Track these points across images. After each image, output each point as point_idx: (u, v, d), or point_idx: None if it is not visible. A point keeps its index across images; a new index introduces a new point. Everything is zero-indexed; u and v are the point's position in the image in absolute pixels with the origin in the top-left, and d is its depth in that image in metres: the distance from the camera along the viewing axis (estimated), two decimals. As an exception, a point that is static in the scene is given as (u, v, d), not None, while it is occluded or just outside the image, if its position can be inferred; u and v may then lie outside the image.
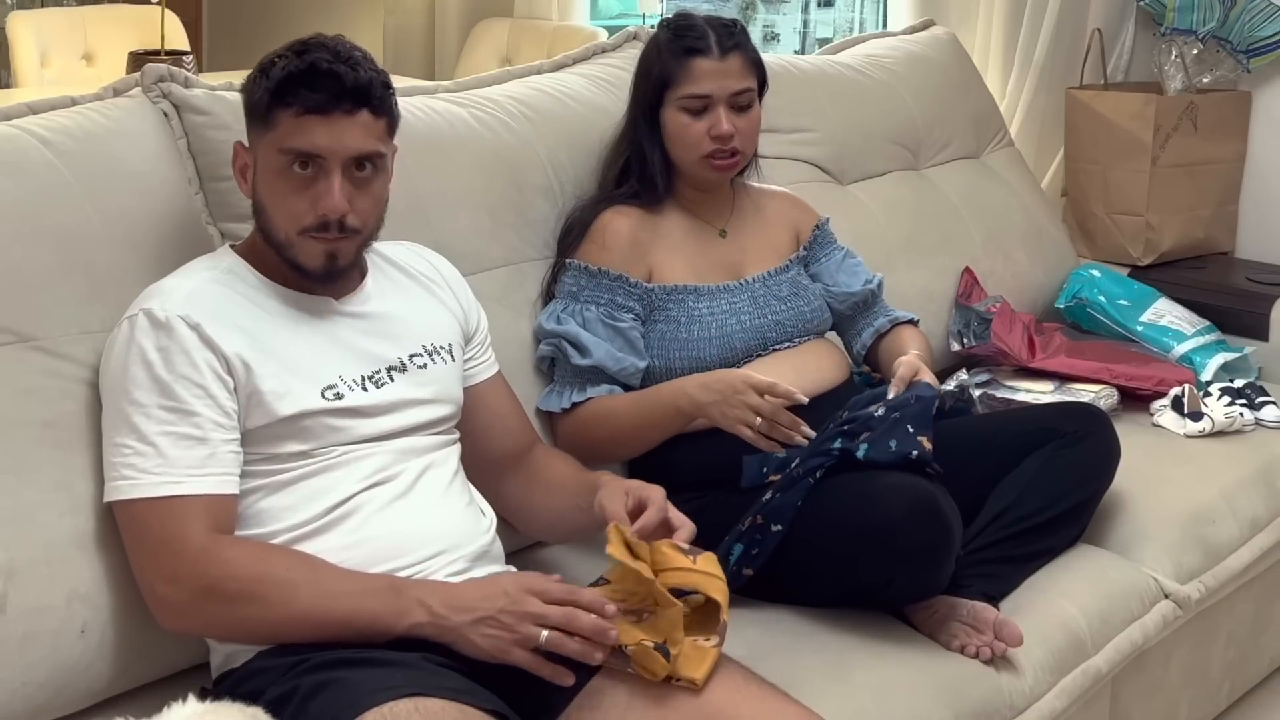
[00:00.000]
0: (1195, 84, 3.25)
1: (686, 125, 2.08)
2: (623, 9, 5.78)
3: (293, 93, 1.59)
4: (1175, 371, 2.71)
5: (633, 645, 1.52)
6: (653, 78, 2.11)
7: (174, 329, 1.57)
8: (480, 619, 1.52)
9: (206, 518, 1.54)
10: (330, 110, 1.59)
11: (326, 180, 1.61)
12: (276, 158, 1.61)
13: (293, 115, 1.59)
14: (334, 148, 1.60)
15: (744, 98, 2.09)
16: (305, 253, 1.63)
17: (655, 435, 2.03)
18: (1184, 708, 2.40)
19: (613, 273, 2.06)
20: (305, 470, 1.62)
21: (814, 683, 1.70)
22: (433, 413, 1.74)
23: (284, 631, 1.53)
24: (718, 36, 2.08)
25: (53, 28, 4.64)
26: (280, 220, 1.63)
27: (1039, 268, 3.01)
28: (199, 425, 1.55)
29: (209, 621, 1.56)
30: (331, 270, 1.66)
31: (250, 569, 1.53)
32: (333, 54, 1.61)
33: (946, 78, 3.08)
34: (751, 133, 2.13)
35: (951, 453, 2.00)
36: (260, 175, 1.64)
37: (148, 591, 1.55)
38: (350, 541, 1.61)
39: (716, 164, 2.09)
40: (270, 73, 1.61)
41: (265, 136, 1.62)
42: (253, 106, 1.64)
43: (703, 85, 2.07)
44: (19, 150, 1.73)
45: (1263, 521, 2.42)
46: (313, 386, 1.63)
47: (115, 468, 1.56)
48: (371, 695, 1.39)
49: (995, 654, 1.86)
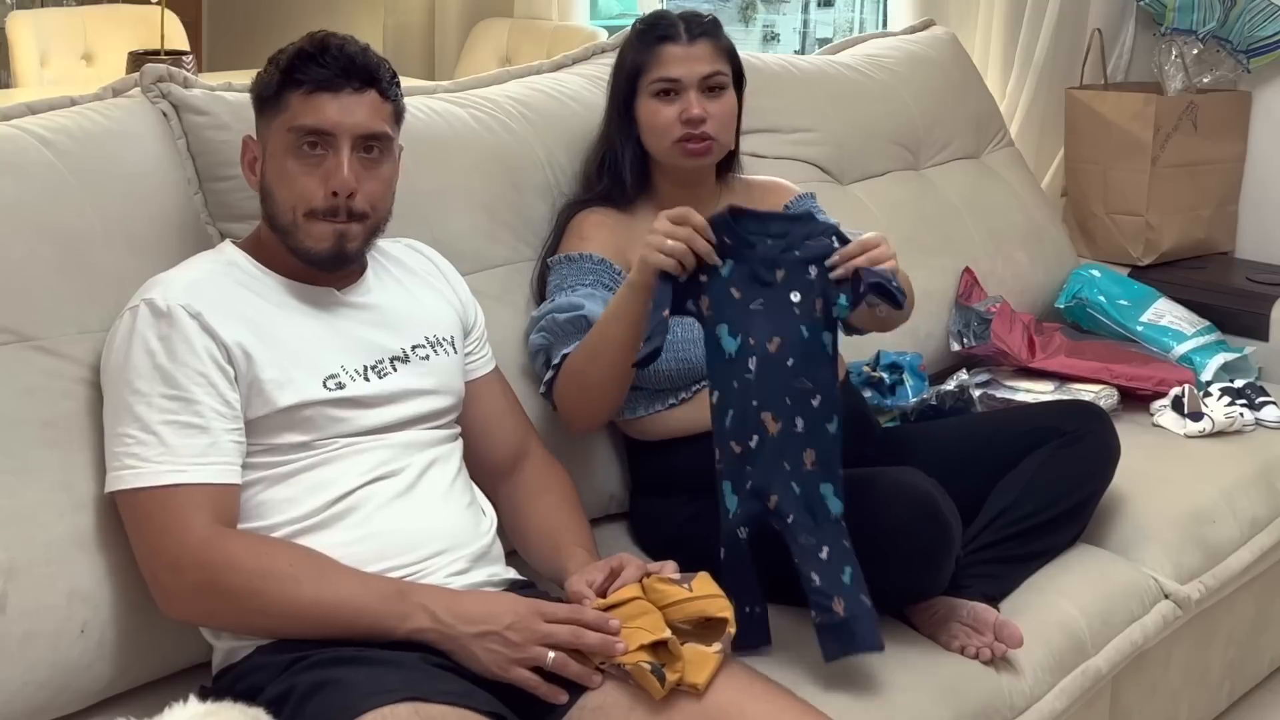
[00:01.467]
0: (1195, 84, 3.25)
1: (657, 110, 2.07)
2: (623, 9, 5.78)
3: (303, 70, 1.62)
4: (1175, 371, 2.71)
5: (631, 664, 1.53)
6: (625, 69, 2.11)
7: (175, 318, 1.57)
8: (485, 633, 1.52)
9: (209, 507, 1.54)
10: (340, 87, 1.62)
11: (336, 157, 1.63)
12: (286, 138, 1.63)
13: (303, 94, 1.62)
14: (343, 122, 1.62)
15: (714, 80, 2.08)
16: (312, 236, 1.64)
17: (623, 331, 1.86)
18: (1184, 708, 2.40)
19: (596, 256, 2.05)
20: (306, 462, 1.62)
21: (814, 683, 1.71)
22: (434, 404, 1.74)
23: (285, 626, 1.53)
24: (686, 25, 2.08)
25: (53, 28, 4.64)
26: (288, 201, 1.64)
27: (1039, 268, 3.01)
28: (201, 414, 1.55)
29: (210, 611, 1.56)
30: (340, 254, 1.66)
31: (253, 562, 1.53)
32: (342, 39, 1.65)
33: (946, 78, 3.08)
34: (725, 118, 2.11)
35: (951, 452, 2.01)
36: (269, 160, 1.66)
37: (150, 580, 1.55)
38: (352, 537, 1.61)
39: (689, 148, 2.07)
40: (280, 60, 1.65)
41: (275, 120, 1.64)
42: (263, 95, 1.66)
43: (671, 69, 2.06)
44: (19, 150, 1.73)
45: (1263, 521, 2.42)
46: (314, 376, 1.63)
47: (117, 457, 1.56)
48: (368, 698, 1.39)
49: (995, 655, 1.86)
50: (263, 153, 1.67)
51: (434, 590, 1.58)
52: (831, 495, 1.75)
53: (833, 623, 1.70)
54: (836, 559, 1.72)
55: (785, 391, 1.77)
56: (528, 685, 1.52)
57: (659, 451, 2.08)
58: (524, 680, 1.52)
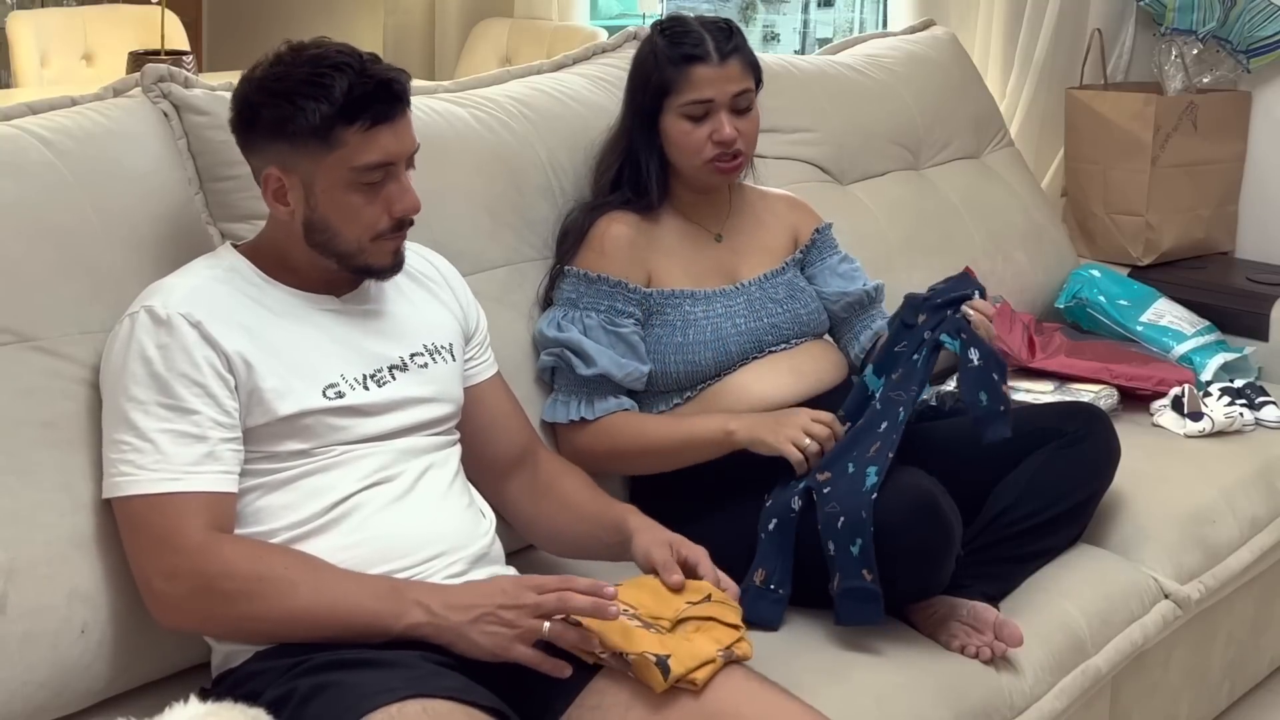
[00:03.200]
0: (1195, 84, 3.25)
1: (688, 132, 2.07)
2: (623, 9, 5.78)
3: (363, 109, 1.59)
4: (1175, 371, 2.71)
5: (634, 655, 1.52)
6: (651, 86, 2.09)
7: (175, 326, 1.57)
8: (479, 616, 1.52)
9: (204, 514, 1.54)
10: (395, 117, 1.62)
11: (397, 182, 1.64)
12: (347, 176, 1.61)
13: (360, 130, 1.59)
14: (402, 150, 1.64)
15: (744, 99, 2.09)
16: (377, 254, 1.66)
17: (689, 458, 2.01)
18: (1184, 708, 2.40)
19: (612, 279, 2.06)
20: (304, 469, 1.62)
21: (814, 683, 1.70)
22: (433, 412, 1.74)
23: (282, 630, 1.53)
24: (715, 42, 2.06)
25: (53, 28, 4.65)
26: (353, 232, 1.64)
27: (1039, 268, 3.01)
28: (198, 423, 1.55)
29: (206, 618, 1.56)
30: (400, 264, 1.70)
31: (248, 567, 1.53)
32: (369, 59, 1.62)
33: (946, 78, 3.08)
34: (753, 134, 2.12)
35: (952, 453, 2.01)
36: (324, 195, 1.62)
37: (145, 588, 1.55)
38: (349, 542, 1.61)
39: (721, 167, 2.09)
40: (327, 95, 1.57)
41: (327, 157, 1.60)
42: (301, 130, 1.59)
43: (704, 91, 2.06)
44: (19, 150, 1.73)
45: (1263, 521, 2.42)
46: (314, 385, 1.63)
47: (113, 464, 1.56)
48: (371, 698, 1.39)
49: (995, 654, 1.86)
50: (304, 185, 1.62)
51: (427, 586, 1.58)
52: (874, 475, 1.82)
53: (836, 593, 1.78)
54: (849, 530, 1.77)
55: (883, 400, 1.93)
56: (531, 662, 1.51)
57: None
58: (527, 658, 1.51)
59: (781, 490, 1.92)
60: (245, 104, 1.64)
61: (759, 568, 1.86)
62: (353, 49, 1.63)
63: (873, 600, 1.77)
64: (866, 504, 1.78)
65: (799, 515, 1.86)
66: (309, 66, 1.59)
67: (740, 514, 1.92)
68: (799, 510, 1.86)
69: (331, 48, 1.62)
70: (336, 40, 1.65)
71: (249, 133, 1.65)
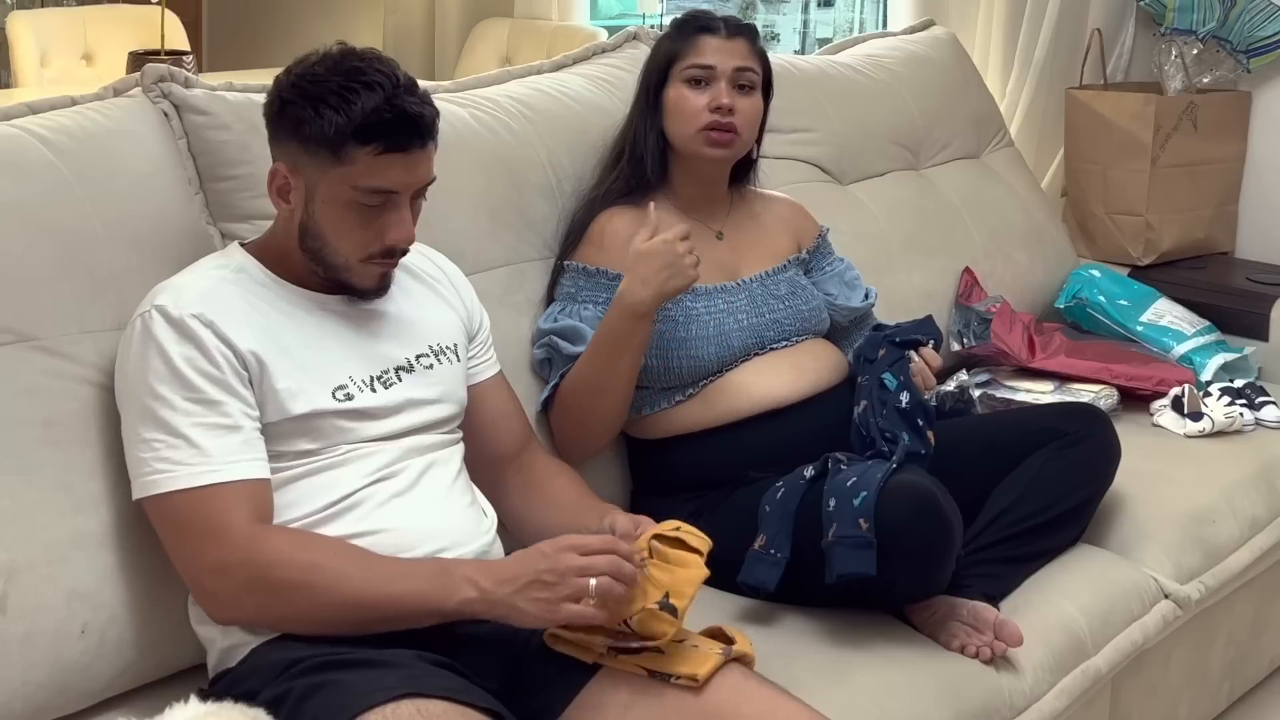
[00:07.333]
0: (1195, 84, 3.25)
1: (687, 97, 2.09)
2: (623, 9, 5.78)
3: (379, 135, 1.57)
4: (1175, 371, 2.71)
5: (636, 614, 1.52)
6: (659, 56, 2.15)
7: (189, 327, 1.56)
8: (524, 586, 1.51)
9: (247, 505, 1.53)
10: (410, 149, 1.60)
11: (397, 212, 1.62)
12: (348, 193, 1.60)
13: (371, 153, 1.58)
14: (410, 182, 1.62)
15: (746, 77, 2.11)
16: (363, 275, 1.66)
17: (623, 357, 1.96)
18: (1184, 708, 2.40)
19: (611, 272, 2.06)
20: (310, 467, 1.62)
21: (814, 683, 1.70)
22: (438, 413, 1.74)
23: (335, 618, 1.53)
24: (726, 21, 2.13)
25: (53, 28, 4.65)
26: (344, 249, 1.63)
27: (1039, 268, 3.01)
28: (228, 413, 1.55)
29: (261, 608, 1.55)
30: (383, 288, 1.69)
31: (301, 555, 1.53)
32: (404, 87, 1.59)
33: (946, 78, 3.08)
34: (752, 116, 2.13)
35: (952, 453, 2.01)
36: (323, 205, 1.62)
37: (195, 585, 1.55)
38: (352, 535, 1.60)
39: (713, 137, 2.08)
40: (349, 110, 1.56)
41: (333, 170, 1.59)
42: (315, 136, 1.58)
43: (707, 57, 2.10)
44: (19, 150, 1.73)
45: (1263, 521, 2.42)
46: (324, 386, 1.63)
47: (146, 463, 1.54)
48: (366, 697, 1.39)
49: (995, 654, 1.86)
50: (306, 188, 1.62)
51: (473, 562, 1.59)
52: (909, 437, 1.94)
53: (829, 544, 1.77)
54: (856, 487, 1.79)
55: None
56: (583, 618, 1.50)
57: (660, 450, 2.09)
58: (577, 615, 1.50)
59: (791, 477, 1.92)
60: (277, 95, 1.64)
61: (760, 535, 1.86)
62: (395, 72, 1.60)
63: (865, 548, 1.75)
64: (881, 483, 1.79)
65: (808, 484, 1.86)
66: (344, 77, 1.58)
67: (742, 515, 1.92)
68: (810, 478, 1.87)
69: (374, 63, 1.60)
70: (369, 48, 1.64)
71: (272, 123, 1.65)
